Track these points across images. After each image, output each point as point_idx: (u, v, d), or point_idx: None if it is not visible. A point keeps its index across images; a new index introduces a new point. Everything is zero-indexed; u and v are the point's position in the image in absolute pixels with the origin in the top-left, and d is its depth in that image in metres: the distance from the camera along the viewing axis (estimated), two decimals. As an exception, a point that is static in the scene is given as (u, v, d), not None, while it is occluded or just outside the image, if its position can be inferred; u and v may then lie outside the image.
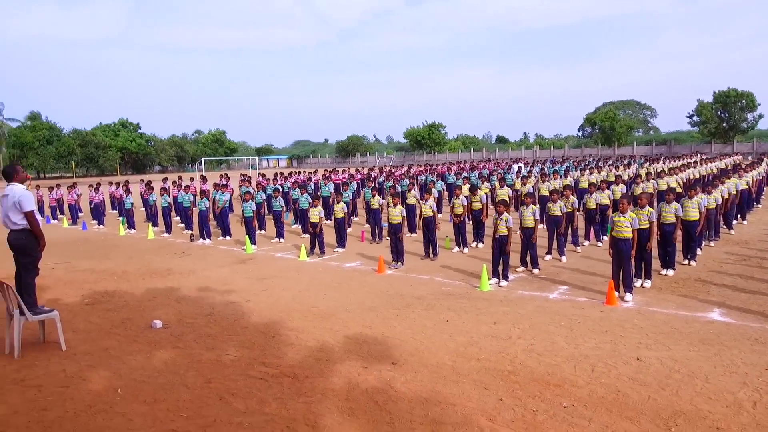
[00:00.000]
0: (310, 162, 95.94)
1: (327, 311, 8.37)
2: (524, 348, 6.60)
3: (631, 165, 26.45)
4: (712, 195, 12.56)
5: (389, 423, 4.85)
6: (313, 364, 6.28)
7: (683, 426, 4.66)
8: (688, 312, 7.84)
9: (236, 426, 4.87)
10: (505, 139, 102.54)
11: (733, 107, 65.45)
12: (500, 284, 9.76)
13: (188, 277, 11.04)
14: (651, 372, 5.78)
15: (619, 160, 32.88)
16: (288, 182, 20.85)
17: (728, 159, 32.32)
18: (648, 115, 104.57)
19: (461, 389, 5.51)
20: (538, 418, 4.87)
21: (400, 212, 11.84)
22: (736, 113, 65.66)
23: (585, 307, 8.28)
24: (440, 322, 7.72)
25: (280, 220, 15.24)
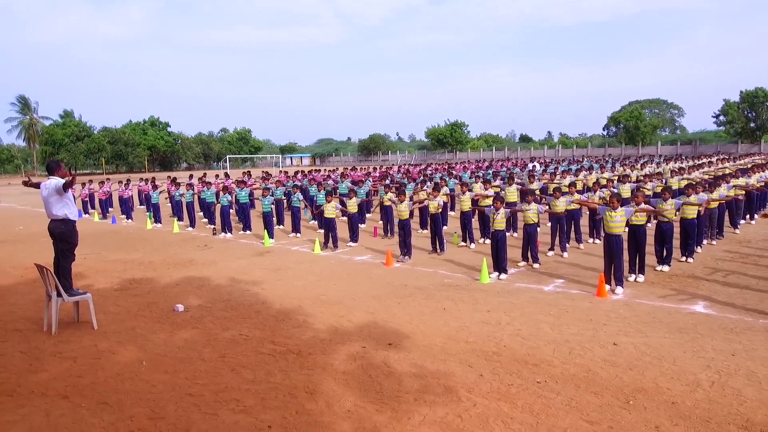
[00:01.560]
0: (332, 160, 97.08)
1: (335, 299, 9.03)
2: (511, 333, 7.16)
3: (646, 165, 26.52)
4: (715, 193, 12.85)
5: (378, 392, 5.48)
6: (317, 343, 6.95)
7: (641, 400, 5.19)
8: (672, 304, 8.29)
9: (244, 392, 5.56)
10: (528, 138, 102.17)
11: (760, 107, 64.34)
12: (500, 277, 10.29)
13: (209, 268, 11.83)
14: (623, 355, 6.30)
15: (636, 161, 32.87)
16: (306, 179, 21.62)
17: (747, 159, 32.09)
18: (675, 114, 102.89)
19: (447, 366, 6.11)
20: (511, 390, 5.45)
21: (407, 207, 12.43)
22: (763, 113, 64.53)
23: (576, 298, 8.78)
24: (438, 309, 8.32)
25: (297, 216, 15.96)
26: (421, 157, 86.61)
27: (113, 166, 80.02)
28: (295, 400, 5.36)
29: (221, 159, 71.22)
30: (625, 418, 4.84)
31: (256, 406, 5.24)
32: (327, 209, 13.62)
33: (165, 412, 5.18)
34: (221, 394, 5.52)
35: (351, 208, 14.12)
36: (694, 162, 29.20)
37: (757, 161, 29.49)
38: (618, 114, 79.76)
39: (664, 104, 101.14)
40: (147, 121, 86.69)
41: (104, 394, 5.61)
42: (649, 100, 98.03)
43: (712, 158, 31.70)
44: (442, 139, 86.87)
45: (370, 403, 5.25)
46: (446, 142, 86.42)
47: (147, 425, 4.94)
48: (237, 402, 5.35)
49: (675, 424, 4.72)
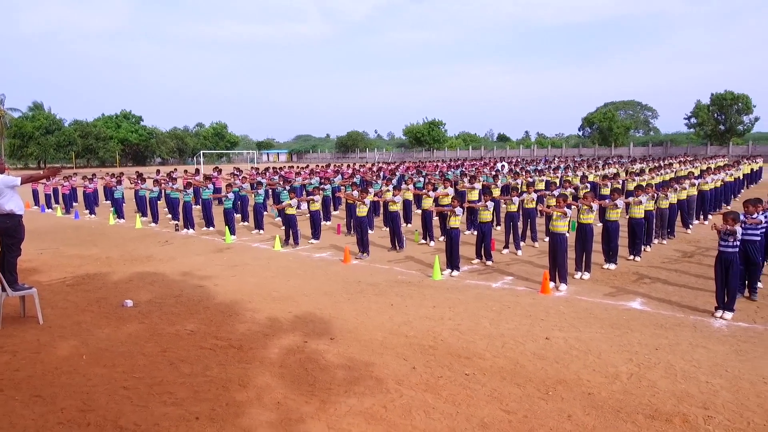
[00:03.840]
0: (310, 157, 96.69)
1: (286, 295, 9.15)
2: (451, 327, 7.38)
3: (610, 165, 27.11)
4: (667, 194, 13.27)
5: (311, 384, 5.64)
6: (259, 338, 7.07)
7: (561, 390, 5.44)
8: (611, 301, 8.60)
9: (179, 385, 5.66)
10: (506, 138, 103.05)
11: (729, 110, 66.01)
12: (452, 274, 10.51)
13: (166, 264, 11.83)
14: (553, 349, 6.56)
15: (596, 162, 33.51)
16: (276, 176, 21.64)
17: (711, 161, 33.00)
18: (649, 116, 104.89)
19: (383, 360, 6.29)
20: (439, 382, 5.65)
21: (366, 205, 12.59)
22: (732, 116, 66.22)
23: (520, 295, 9.04)
24: (385, 305, 8.50)
25: (260, 212, 16.01)
26: (398, 156, 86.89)
27: (84, 160, 78.57)
28: (227, 392, 5.48)
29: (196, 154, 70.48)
30: (542, 408, 5.07)
31: (187, 399, 5.35)
32: (288, 206, 13.69)
33: (96, 404, 5.26)
34: (155, 387, 5.62)
35: (314, 206, 14.22)
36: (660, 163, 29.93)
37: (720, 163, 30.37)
38: (592, 115, 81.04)
39: (639, 106, 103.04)
40: (120, 114, 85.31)
41: (39, 387, 5.66)
42: (623, 102, 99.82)
43: (674, 160, 32.51)
44: (419, 137, 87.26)
45: (300, 395, 5.40)
46: (424, 141, 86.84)
47: (76, 416, 5.02)
48: (170, 394, 5.45)
49: (587, 413, 4.97)
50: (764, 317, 7.66)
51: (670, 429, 4.66)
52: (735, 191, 22.95)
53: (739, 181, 24.85)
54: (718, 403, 5.11)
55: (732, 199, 21.56)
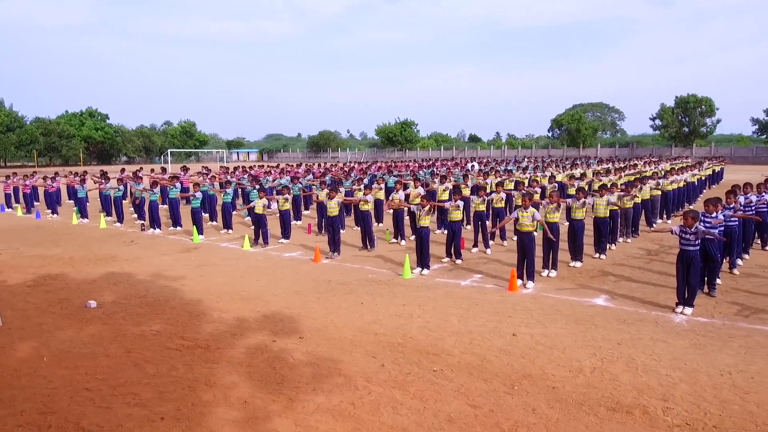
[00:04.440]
0: (281, 156, 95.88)
1: (254, 294, 9.07)
2: (420, 325, 7.43)
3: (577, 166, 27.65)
4: (631, 194, 13.61)
5: (278, 383, 5.61)
6: (227, 337, 6.99)
7: (526, 385, 5.53)
8: (576, 298, 8.78)
9: (144, 386, 5.57)
10: (478, 139, 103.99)
11: (693, 112, 67.96)
12: (422, 273, 10.58)
13: (132, 264, 11.60)
14: (519, 344, 6.67)
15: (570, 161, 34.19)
16: (245, 176, 21.42)
17: (675, 162, 33.98)
18: (616, 118, 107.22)
19: (352, 357, 6.30)
20: (408, 379, 5.69)
21: (336, 204, 12.57)
22: (695, 118, 68.19)
23: (489, 292, 9.16)
24: (355, 304, 8.50)
25: (229, 212, 15.82)
26: (371, 155, 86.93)
27: (46, 158, 76.34)
28: (194, 392, 5.41)
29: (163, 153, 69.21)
30: (507, 402, 5.15)
31: (152, 399, 5.27)
32: (258, 205, 13.57)
33: (58, 407, 5.13)
34: (119, 389, 5.51)
35: (283, 205, 14.11)
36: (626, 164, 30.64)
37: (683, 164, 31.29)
38: (561, 117, 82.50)
39: (606, 108, 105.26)
40: (85, 112, 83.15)
41: (-4, 390, 5.49)
42: (591, 104, 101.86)
43: (639, 161, 33.35)
44: (392, 137, 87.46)
45: (267, 393, 5.37)
46: (396, 141, 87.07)
47: (37, 419, 4.89)
48: (134, 395, 5.36)
49: (551, 407, 5.07)
50: (722, 312, 7.92)
51: (631, 421, 4.79)
52: (698, 191, 23.66)
53: (702, 182, 25.65)
54: (677, 395, 5.27)
55: (694, 199, 22.22)
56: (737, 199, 10.31)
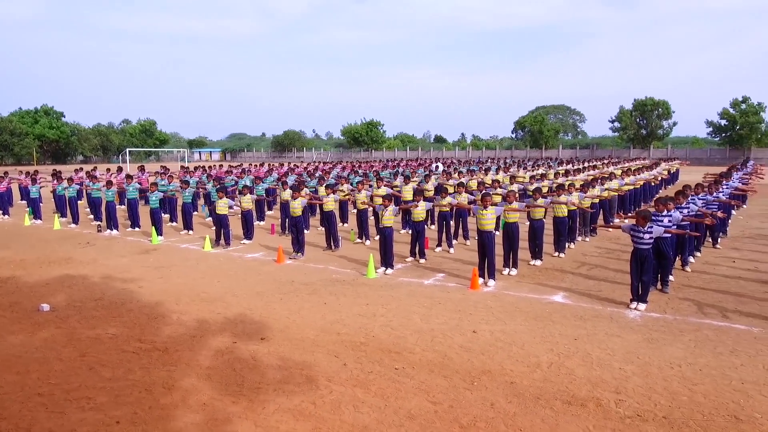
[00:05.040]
0: (244, 156, 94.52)
1: (215, 296, 8.94)
2: (382, 324, 7.47)
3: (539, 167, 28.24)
4: (589, 194, 13.97)
5: (239, 384, 5.55)
6: (186, 340, 6.88)
7: (485, 380, 5.63)
8: (536, 295, 8.98)
9: (98, 390, 5.43)
10: (443, 139, 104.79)
11: (650, 115, 70.06)
12: (386, 272, 10.63)
13: (87, 266, 11.27)
14: (479, 341, 6.78)
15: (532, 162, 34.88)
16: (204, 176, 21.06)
17: (632, 163, 35.04)
18: (577, 120, 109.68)
19: (314, 358, 6.29)
20: (369, 377, 5.72)
21: (301, 204, 12.50)
22: (653, 120, 70.29)
23: (451, 291, 9.28)
24: (318, 304, 8.48)
25: (190, 212, 15.54)
26: (336, 155, 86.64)
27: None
28: (151, 395, 5.31)
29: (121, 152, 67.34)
30: (467, 398, 5.24)
31: (108, 403, 5.14)
32: (219, 205, 13.37)
33: (8, 413, 4.96)
34: (73, 393, 5.36)
35: (245, 205, 13.94)
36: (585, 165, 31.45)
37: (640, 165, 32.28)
38: (524, 118, 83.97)
39: (568, 110, 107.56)
40: (39, 109, 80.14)
41: (-60, 398, 5.26)
42: (554, 106, 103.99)
43: (599, 162, 34.27)
44: (358, 137, 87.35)
45: (228, 395, 5.31)
46: (362, 141, 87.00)
47: (-17, 428, 4.71)
48: (88, 400, 5.22)
49: (509, 401, 5.18)
50: (674, 308, 8.22)
51: (585, 413, 4.94)
52: (654, 191, 24.46)
53: (658, 183, 26.53)
54: (629, 388, 5.46)
55: (650, 199, 22.95)
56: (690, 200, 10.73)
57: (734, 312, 7.93)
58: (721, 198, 12.70)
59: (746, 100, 60.62)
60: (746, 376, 5.69)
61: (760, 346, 6.57)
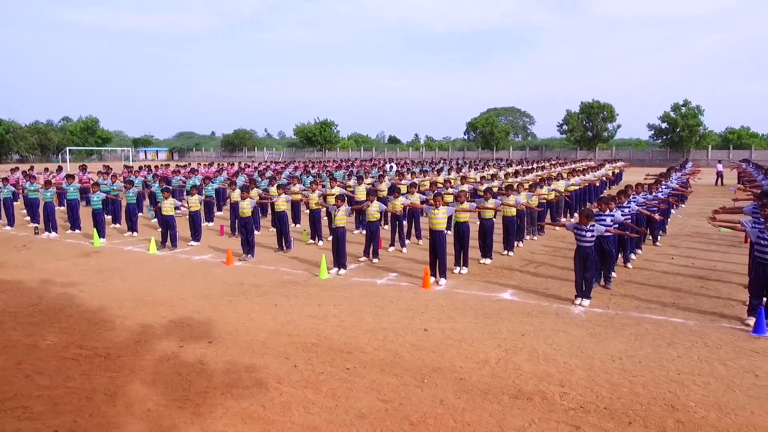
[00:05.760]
0: (193, 155, 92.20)
1: (160, 299, 8.68)
2: (334, 324, 7.43)
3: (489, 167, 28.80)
4: (537, 194, 14.36)
5: (185, 389, 5.41)
6: (130, 345, 6.65)
7: (435, 378, 5.70)
8: (485, 293, 9.15)
9: (35, 398, 5.17)
10: (397, 140, 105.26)
11: (596, 118, 72.48)
12: (339, 272, 10.59)
13: (23, 270, 10.72)
14: (430, 339, 6.85)
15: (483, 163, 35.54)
16: (151, 175, 20.42)
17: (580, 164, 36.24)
18: (527, 122, 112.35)
19: (264, 360, 6.19)
20: (320, 378, 5.68)
21: (249, 205, 12.30)
22: (598, 123, 72.73)
23: (403, 290, 9.33)
24: (269, 306, 8.36)
25: (134, 213, 15.02)
26: (289, 155, 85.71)
27: (-75, 156, 68.83)
28: (92, 403, 5.10)
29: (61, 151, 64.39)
30: (417, 395, 5.28)
31: (46, 412, 4.91)
32: (165, 206, 12.98)
33: (-69, 428, 4.65)
34: (7, 402, 5.09)
35: (193, 206, 13.59)
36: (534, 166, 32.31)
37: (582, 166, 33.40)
38: (476, 120, 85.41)
39: (518, 112, 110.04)
40: (-29, 106, 75.76)
41: None
42: (504, 108, 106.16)
43: (547, 163, 35.26)
44: (311, 137, 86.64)
45: (173, 401, 5.16)
46: (316, 141, 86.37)
47: None
48: (24, 409, 4.97)
49: (458, 397, 5.25)
50: (616, 303, 8.54)
51: (531, 407, 5.07)
52: (598, 192, 25.37)
53: (603, 183, 27.53)
54: (573, 381, 5.64)
55: (595, 199, 23.76)
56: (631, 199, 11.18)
57: (672, 306, 8.31)
58: (660, 197, 13.30)
59: (686, 104, 63.55)
60: (682, 367, 5.98)
61: (695, 338, 6.91)
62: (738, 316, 7.75)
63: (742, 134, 65.29)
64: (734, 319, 7.69)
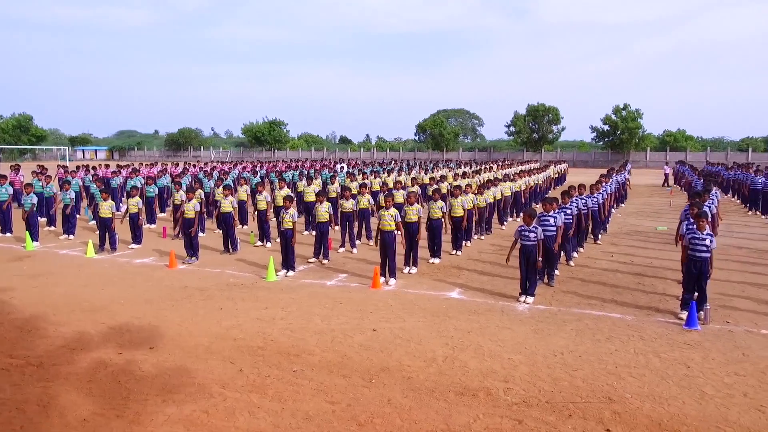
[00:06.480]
0: (135, 155, 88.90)
1: (98, 305, 8.32)
2: (282, 327, 7.33)
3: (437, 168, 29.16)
4: (484, 195, 14.64)
5: (124, 397, 5.20)
6: (65, 353, 6.34)
7: (383, 377, 5.71)
8: (434, 292, 9.25)
9: (-44, 414, 4.85)
10: (348, 140, 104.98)
11: (541, 120, 74.54)
12: (288, 274, 10.45)
13: (-53, 276, 10.05)
14: (379, 339, 6.86)
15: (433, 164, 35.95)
16: (88, 176, 19.56)
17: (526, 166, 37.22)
18: (476, 124, 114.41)
19: (207, 365, 6.03)
20: (266, 382, 5.59)
21: (193, 207, 11.98)
22: (544, 125, 74.83)
23: (353, 291, 9.31)
24: (214, 310, 8.15)
25: (73, 215, 14.34)
26: (237, 155, 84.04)
27: None
28: (23, 414, 4.83)
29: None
30: (365, 396, 5.27)
31: (-32, 428, 4.60)
32: (103, 208, 12.45)
33: None
34: (-76, 420, 4.74)
35: (132, 208, 13.08)
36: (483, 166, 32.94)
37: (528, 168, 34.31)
38: (425, 121, 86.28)
39: (467, 114, 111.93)
40: None
41: None
42: (454, 110, 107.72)
43: (494, 164, 36.03)
44: (260, 136, 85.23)
45: (111, 409, 4.96)
46: (264, 140, 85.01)
47: None
48: (-56, 426, 4.64)
49: (405, 396, 5.28)
50: (559, 300, 8.81)
51: (476, 403, 5.15)
52: (544, 192, 26.14)
53: (548, 183, 28.38)
54: (517, 376, 5.77)
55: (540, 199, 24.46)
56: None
57: (611, 302, 8.65)
58: (599, 199, 13.81)
59: (626, 107, 66.22)
60: (619, 360, 6.23)
61: (631, 332, 7.22)
62: (672, 311, 8.15)
63: (678, 137, 68.73)
64: (668, 313, 8.08)
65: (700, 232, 7.90)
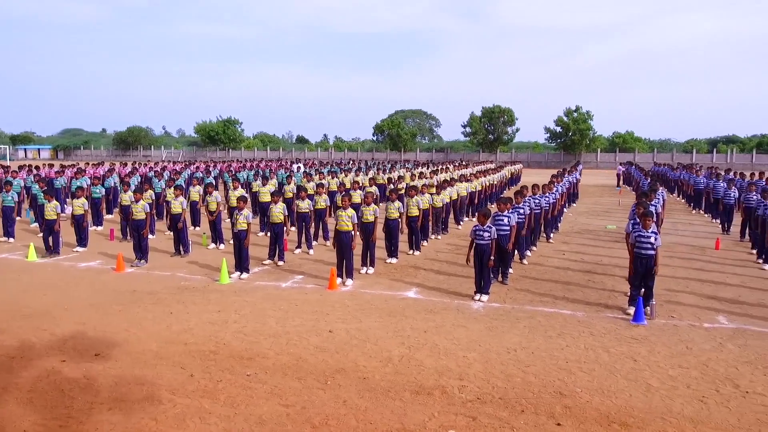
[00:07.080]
0: (81, 154, 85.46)
1: (41, 311, 7.94)
2: (235, 330, 7.17)
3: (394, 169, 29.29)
4: (441, 195, 14.76)
5: (68, 407, 4.97)
6: (4, 362, 6.02)
7: (339, 379, 5.66)
8: (391, 292, 9.25)
9: None
10: (305, 140, 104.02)
11: (497, 121, 75.82)
12: (241, 277, 10.24)
13: None
14: (335, 341, 6.80)
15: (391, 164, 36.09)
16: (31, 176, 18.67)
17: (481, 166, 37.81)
18: (433, 125, 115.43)
19: (157, 371, 5.84)
20: (218, 386, 5.45)
21: (144, 208, 11.60)
22: (499, 126, 76.13)
23: (309, 292, 9.21)
24: (163, 314, 7.90)
25: (11, 218, 13.64)
26: (189, 155, 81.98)
27: None
28: (-48, 430, 4.54)
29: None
30: (320, 397, 5.21)
31: None
32: (47, 209, 11.89)
33: None
34: None
35: (77, 210, 12.54)
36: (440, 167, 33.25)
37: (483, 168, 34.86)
38: (383, 122, 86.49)
39: (425, 115, 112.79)
40: None
41: None
42: (412, 111, 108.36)
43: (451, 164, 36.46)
44: (213, 135, 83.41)
45: (53, 419, 4.73)
46: (218, 140, 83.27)
47: None
48: None
49: (361, 396, 5.25)
50: (512, 298, 8.96)
51: (431, 401, 5.17)
52: (499, 192, 26.59)
53: (503, 183, 28.90)
54: (471, 374, 5.83)
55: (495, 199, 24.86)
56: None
57: (563, 299, 8.86)
58: (551, 200, 14.15)
59: (578, 109, 68.16)
60: (570, 356, 6.38)
61: (582, 328, 7.41)
62: (620, 306, 8.41)
63: (627, 138, 71.24)
64: (617, 309, 8.34)
65: (646, 230, 8.18)
